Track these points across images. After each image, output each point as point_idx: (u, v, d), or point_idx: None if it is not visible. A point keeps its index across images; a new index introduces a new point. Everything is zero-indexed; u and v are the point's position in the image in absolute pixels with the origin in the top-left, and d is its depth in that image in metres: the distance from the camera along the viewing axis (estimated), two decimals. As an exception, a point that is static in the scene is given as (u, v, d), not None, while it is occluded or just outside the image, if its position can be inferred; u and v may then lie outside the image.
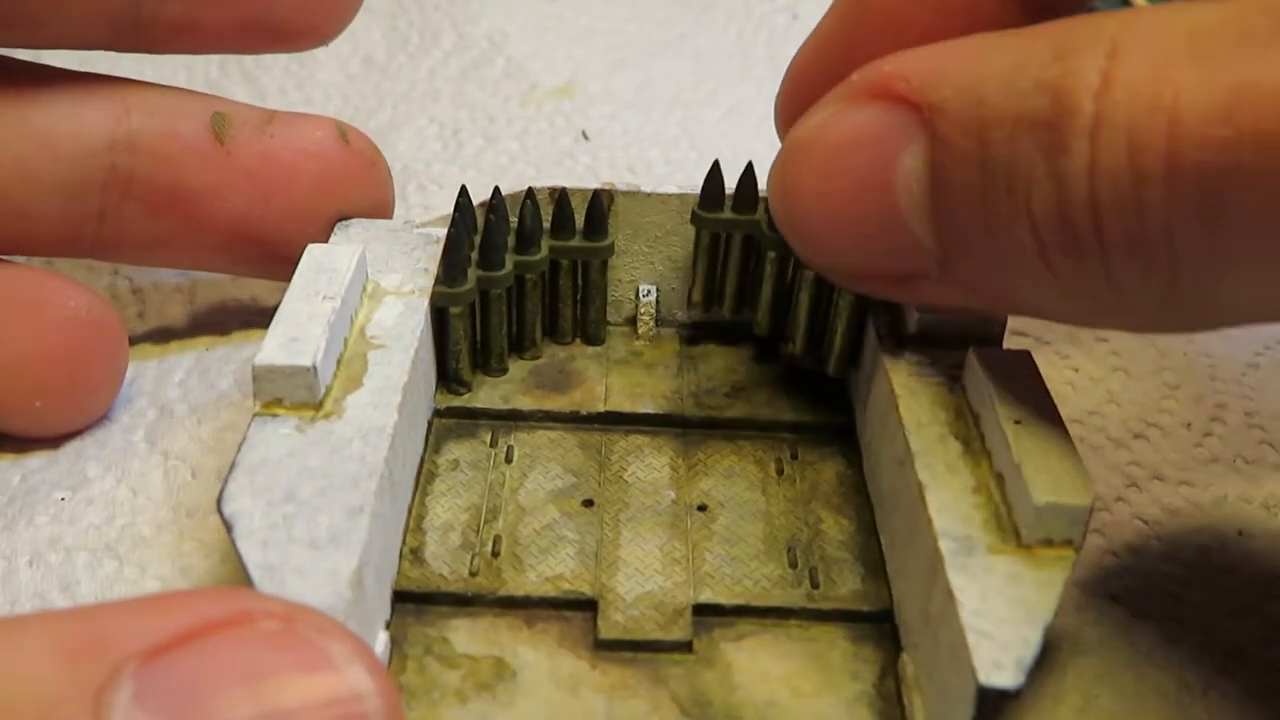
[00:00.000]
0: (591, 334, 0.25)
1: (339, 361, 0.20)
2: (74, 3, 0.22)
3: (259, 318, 0.28)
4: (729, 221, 0.24)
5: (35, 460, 0.24)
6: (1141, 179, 0.15)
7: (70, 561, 0.22)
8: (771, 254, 0.24)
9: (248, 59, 0.38)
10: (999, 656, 0.16)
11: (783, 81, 0.23)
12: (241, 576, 0.22)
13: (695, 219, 0.24)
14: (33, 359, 0.23)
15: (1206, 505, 0.24)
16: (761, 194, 0.24)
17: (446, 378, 0.23)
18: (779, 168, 0.20)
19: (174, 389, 0.26)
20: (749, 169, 0.24)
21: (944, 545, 0.18)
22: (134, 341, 0.27)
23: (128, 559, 0.22)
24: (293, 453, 0.19)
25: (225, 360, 0.27)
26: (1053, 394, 0.19)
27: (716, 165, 0.24)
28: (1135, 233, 0.15)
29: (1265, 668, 0.21)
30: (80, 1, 0.22)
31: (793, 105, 0.22)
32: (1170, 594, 0.22)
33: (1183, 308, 0.16)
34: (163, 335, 0.28)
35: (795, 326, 0.24)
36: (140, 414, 0.25)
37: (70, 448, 0.24)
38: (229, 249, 0.25)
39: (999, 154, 0.16)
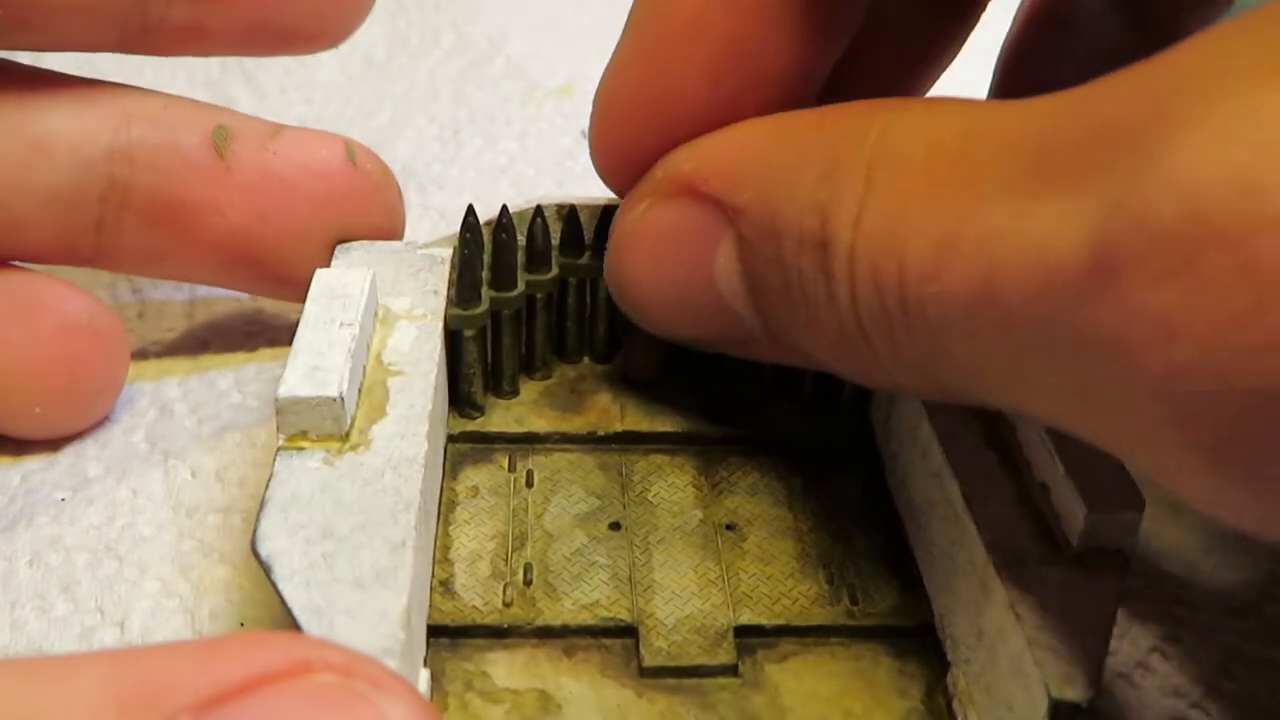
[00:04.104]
0: (600, 352, 0.25)
1: (360, 390, 0.20)
2: (81, 6, 0.21)
3: (259, 317, 0.28)
4: None
5: (35, 461, 0.24)
6: (886, 314, 0.16)
7: (70, 562, 0.22)
8: None
9: (248, 59, 0.38)
10: (1069, 671, 0.16)
11: (593, 114, 0.22)
12: (242, 578, 0.21)
13: None
14: (32, 364, 0.23)
15: None
16: None
17: (459, 401, 0.23)
18: (611, 258, 0.21)
19: (174, 389, 0.26)
20: None
21: (994, 559, 0.17)
22: (134, 341, 0.26)
23: (128, 559, 0.22)
24: (324, 487, 0.18)
25: (225, 361, 0.26)
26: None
27: None
28: (892, 352, 0.16)
29: (1265, 668, 0.21)
30: (87, 4, 0.21)
31: (607, 140, 0.22)
32: (1170, 594, 0.22)
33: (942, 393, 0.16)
34: (163, 335, 0.27)
35: (802, 378, 0.24)
36: (140, 414, 0.25)
37: (70, 448, 0.24)
38: (227, 265, 0.24)
39: (791, 265, 0.17)
